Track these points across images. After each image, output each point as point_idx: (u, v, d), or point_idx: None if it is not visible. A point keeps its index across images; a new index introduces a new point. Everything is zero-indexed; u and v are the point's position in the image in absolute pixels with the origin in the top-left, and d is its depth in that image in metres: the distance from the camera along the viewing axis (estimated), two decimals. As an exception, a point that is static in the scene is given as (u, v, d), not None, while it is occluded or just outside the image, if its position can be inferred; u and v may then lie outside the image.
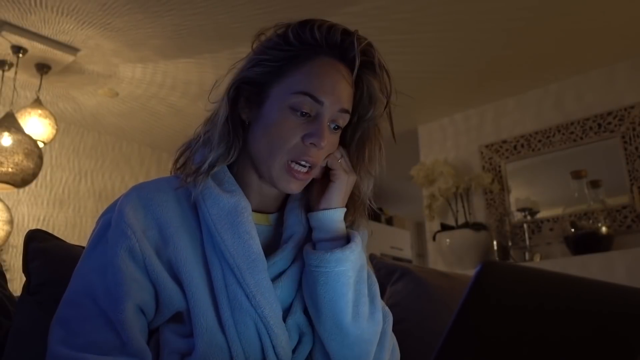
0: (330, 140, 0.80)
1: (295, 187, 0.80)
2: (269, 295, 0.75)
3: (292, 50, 0.80)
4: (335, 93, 0.79)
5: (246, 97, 0.82)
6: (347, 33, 0.82)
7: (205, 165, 0.78)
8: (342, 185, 0.82)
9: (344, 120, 0.81)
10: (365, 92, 0.84)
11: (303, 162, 0.78)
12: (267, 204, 0.86)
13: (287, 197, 0.87)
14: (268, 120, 0.79)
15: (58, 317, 0.74)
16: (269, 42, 0.82)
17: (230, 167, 0.83)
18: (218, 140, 0.79)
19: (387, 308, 0.87)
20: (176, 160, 0.84)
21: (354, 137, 0.86)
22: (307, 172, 0.79)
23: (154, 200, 0.78)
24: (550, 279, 0.50)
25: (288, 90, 0.78)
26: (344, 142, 0.86)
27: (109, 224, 0.77)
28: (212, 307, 0.75)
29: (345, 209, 0.83)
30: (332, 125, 0.80)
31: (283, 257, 0.80)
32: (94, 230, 0.80)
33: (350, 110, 0.82)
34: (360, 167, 0.85)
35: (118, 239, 0.75)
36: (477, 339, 0.48)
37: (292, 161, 0.78)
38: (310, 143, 0.77)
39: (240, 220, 0.78)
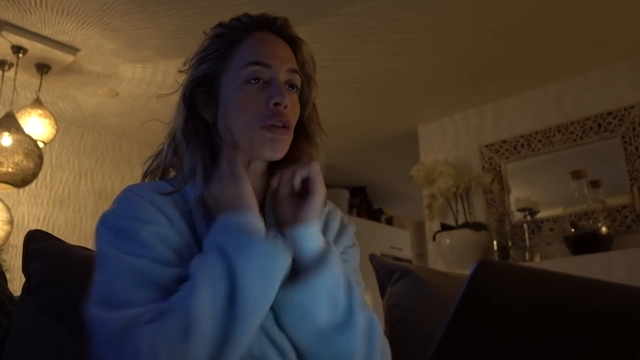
0: (291, 99, 0.84)
1: (280, 149, 0.82)
2: None
3: (226, 36, 0.86)
4: (278, 55, 0.84)
5: (202, 100, 0.86)
6: (264, 14, 0.89)
7: (197, 172, 0.81)
8: (321, 199, 0.82)
9: (297, 80, 0.86)
10: (299, 58, 0.89)
11: (277, 122, 0.81)
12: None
13: (265, 193, 0.88)
14: (230, 101, 0.83)
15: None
16: (203, 45, 0.88)
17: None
18: (187, 146, 0.82)
19: (372, 312, 0.83)
20: (147, 171, 0.87)
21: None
22: (284, 130, 0.82)
23: (152, 196, 0.79)
24: (546, 278, 0.50)
25: (237, 68, 0.83)
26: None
27: (116, 224, 0.76)
28: None
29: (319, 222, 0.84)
30: (288, 86, 0.84)
31: None
32: (98, 241, 0.77)
33: (298, 70, 0.87)
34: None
35: (143, 221, 0.75)
36: (473, 338, 0.48)
37: (264, 127, 0.81)
38: (275, 103, 0.81)
39: None
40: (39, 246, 0.95)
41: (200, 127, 0.84)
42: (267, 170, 0.88)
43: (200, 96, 0.86)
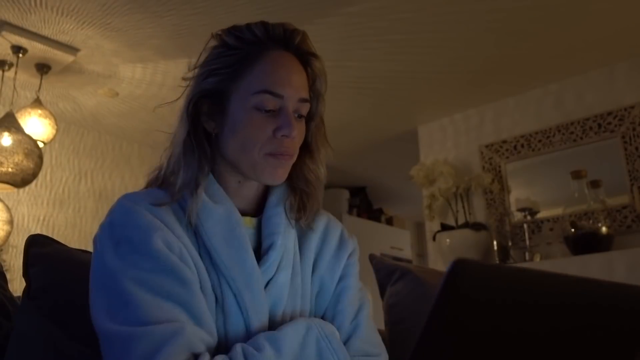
0: (298, 128, 0.83)
1: (281, 174, 0.83)
2: (261, 308, 0.78)
3: (239, 51, 0.82)
4: (292, 84, 0.82)
5: (207, 110, 0.83)
6: (282, 25, 0.85)
7: (191, 184, 0.79)
8: None
9: (305, 109, 0.85)
10: (311, 75, 0.87)
11: (280, 155, 0.81)
12: (248, 206, 0.87)
13: (264, 201, 0.88)
14: (236, 124, 0.81)
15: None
16: (213, 53, 0.84)
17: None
18: (185, 157, 0.81)
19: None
20: (150, 182, 0.85)
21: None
22: (289, 157, 0.83)
23: (147, 205, 0.78)
24: (525, 276, 0.50)
25: (247, 92, 0.80)
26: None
27: (118, 234, 0.75)
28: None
29: None
30: (296, 115, 0.83)
31: (268, 266, 0.81)
32: (101, 255, 0.75)
33: (309, 99, 0.85)
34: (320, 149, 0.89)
35: (147, 229, 0.74)
36: (452, 337, 0.48)
37: (269, 154, 0.81)
38: (282, 135, 0.80)
39: (235, 233, 0.80)
40: (40, 251, 0.94)
41: (201, 139, 0.82)
42: None
43: (205, 106, 0.83)
